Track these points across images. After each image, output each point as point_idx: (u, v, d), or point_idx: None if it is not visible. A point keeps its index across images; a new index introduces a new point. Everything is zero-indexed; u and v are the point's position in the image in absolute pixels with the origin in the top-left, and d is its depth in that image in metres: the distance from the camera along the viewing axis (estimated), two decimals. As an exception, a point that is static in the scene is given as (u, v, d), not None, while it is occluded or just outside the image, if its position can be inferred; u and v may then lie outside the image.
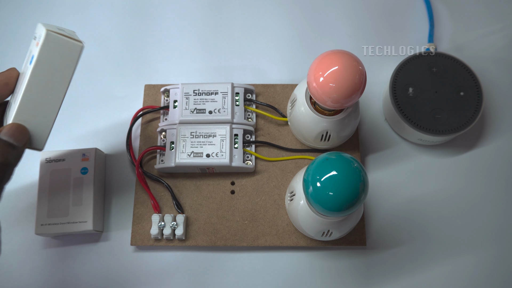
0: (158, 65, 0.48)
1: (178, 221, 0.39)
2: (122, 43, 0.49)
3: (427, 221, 0.42)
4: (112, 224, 0.42)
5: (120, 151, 0.44)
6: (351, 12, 0.50)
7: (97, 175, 0.41)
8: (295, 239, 0.40)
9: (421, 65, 0.44)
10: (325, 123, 0.38)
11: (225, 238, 0.40)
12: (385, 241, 0.41)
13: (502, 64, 0.47)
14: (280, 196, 0.41)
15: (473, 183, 0.43)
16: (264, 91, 0.45)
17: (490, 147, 0.44)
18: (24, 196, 0.42)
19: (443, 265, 0.40)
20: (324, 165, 0.31)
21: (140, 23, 0.49)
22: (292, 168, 0.42)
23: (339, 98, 0.34)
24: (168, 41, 0.49)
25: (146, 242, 0.40)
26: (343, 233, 0.37)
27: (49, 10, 0.50)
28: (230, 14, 0.50)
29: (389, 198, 0.42)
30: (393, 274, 0.40)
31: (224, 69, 0.47)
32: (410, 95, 0.43)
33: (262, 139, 0.43)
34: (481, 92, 0.43)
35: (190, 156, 0.40)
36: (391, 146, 0.44)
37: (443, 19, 0.49)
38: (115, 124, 0.45)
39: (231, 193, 0.42)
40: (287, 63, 0.48)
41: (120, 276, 0.40)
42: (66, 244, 0.41)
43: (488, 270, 0.40)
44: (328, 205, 0.31)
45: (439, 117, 0.42)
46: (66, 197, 0.40)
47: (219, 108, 0.42)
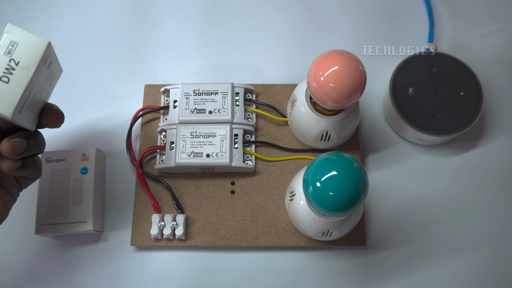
0: (158, 65, 0.48)
1: (178, 221, 0.39)
2: (122, 43, 0.49)
3: (427, 221, 0.42)
4: (112, 224, 0.42)
5: (120, 151, 0.44)
6: (351, 12, 0.50)
7: (97, 175, 0.41)
8: (295, 239, 0.40)
9: (421, 65, 0.44)
10: (325, 123, 0.38)
11: (225, 238, 0.40)
12: (385, 241, 0.41)
13: (502, 64, 0.47)
14: (280, 196, 0.41)
15: (473, 183, 0.43)
16: (264, 91, 0.45)
17: (490, 147, 0.44)
18: (24, 196, 0.42)
19: (443, 265, 0.40)
20: (324, 165, 0.31)
21: (140, 23, 0.49)
22: (292, 168, 0.42)
23: (339, 98, 0.34)
24: (168, 41, 0.49)
25: (146, 242, 0.40)
26: (343, 233, 0.37)
27: (49, 10, 0.50)
28: (230, 14, 0.50)
29: (389, 198, 0.42)
30: (393, 274, 0.40)
31: (224, 69, 0.47)
32: (410, 95, 0.43)
33: (262, 139, 0.43)
34: (481, 92, 0.43)
35: (190, 156, 0.40)
36: (391, 146, 0.44)
37: (443, 19, 0.49)
38: (115, 124, 0.45)
39: (231, 193, 0.42)
40: (287, 63, 0.48)
41: (120, 276, 0.40)
42: (66, 244, 0.41)
43: (488, 270, 0.40)
44: (328, 205, 0.31)
45: (439, 117, 0.42)
46: (66, 197, 0.40)
47: (219, 108, 0.42)
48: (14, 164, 0.31)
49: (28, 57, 0.29)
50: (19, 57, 0.29)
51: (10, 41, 0.28)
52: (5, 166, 0.31)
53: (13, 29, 0.29)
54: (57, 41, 0.36)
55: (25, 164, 0.32)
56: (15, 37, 0.29)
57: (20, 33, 0.29)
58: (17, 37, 0.29)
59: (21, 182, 0.34)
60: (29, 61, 0.29)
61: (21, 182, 0.34)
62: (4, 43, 0.28)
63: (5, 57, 0.28)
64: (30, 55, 0.29)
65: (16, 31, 0.29)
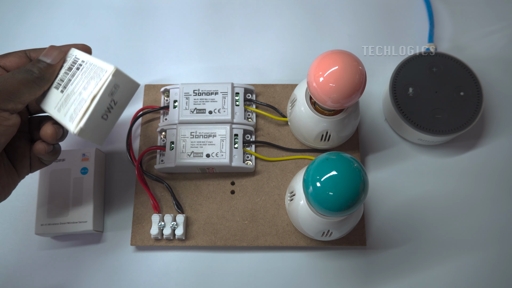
0: (158, 65, 0.48)
1: (178, 221, 0.39)
2: (122, 43, 0.49)
3: (427, 221, 0.42)
4: (112, 224, 0.42)
5: (120, 151, 0.44)
6: (351, 12, 0.50)
7: (97, 175, 0.41)
8: (295, 239, 0.40)
9: (421, 65, 0.44)
10: (325, 123, 0.38)
11: (225, 238, 0.40)
12: (385, 241, 0.41)
13: (502, 64, 0.47)
14: (280, 196, 0.41)
15: (473, 183, 0.43)
16: (264, 91, 0.45)
17: (490, 147, 0.44)
18: (24, 196, 0.42)
19: (443, 265, 0.40)
20: (324, 165, 0.31)
21: (140, 23, 0.49)
22: (292, 168, 0.42)
23: (339, 98, 0.34)
24: (168, 41, 0.49)
25: (146, 242, 0.40)
26: (343, 233, 0.37)
27: (49, 10, 0.50)
28: (230, 14, 0.50)
29: (389, 198, 0.42)
30: (393, 274, 0.40)
31: (224, 69, 0.47)
32: (410, 95, 0.43)
33: (262, 139, 0.43)
34: (481, 92, 0.43)
35: (190, 156, 0.40)
36: (391, 146, 0.44)
37: (443, 19, 0.49)
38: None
39: (231, 193, 0.42)
40: (287, 63, 0.48)
41: (120, 276, 0.40)
42: (66, 244, 0.41)
43: (489, 270, 0.40)
44: (328, 205, 0.31)
45: (439, 117, 0.42)
46: (66, 197, 0.40)
47: (219, 108, 0.42)
48: (48, 147, 0.34)
49: (125, 98, 0.33)
50: (118, 98, 0.32)
51: (114, 85, 0.31)
52: (42, 147, 0.33)
53: (118, 74, 0.31)
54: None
55: (54, 149, 0.34)
56: (118, 81, 0.31)
57: (123, 77, 0.32)
58: (119, 80, 0.32)
59: (34, 166, 0.35)
60: (124, 101, 0.33)
61: (34, 165, 0.35)
62: (109, 86, 0.31)
63: (109, 98, 0.31)
64: (126, 96, 0.33)
65: (120, 75, 0.32)
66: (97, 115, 0.31)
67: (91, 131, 0.31)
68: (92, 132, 0.32)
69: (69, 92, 0.32)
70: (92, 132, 0.32)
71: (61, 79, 0.33)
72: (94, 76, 0.32)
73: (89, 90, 0.31)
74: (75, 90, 0.32)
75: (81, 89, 0.32)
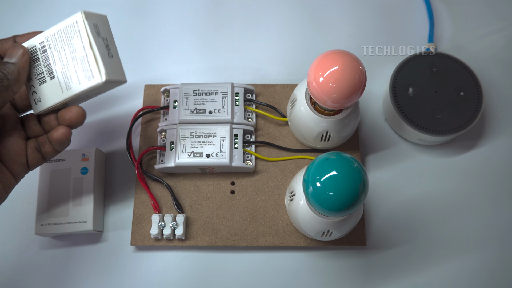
0: (158, 65, 0.48)
1: (178, 221, 0.39)
2: (121, 43, 0.48)
3: (427, 221, 0.42)
4: (112, 224, 0.42)
5: (120, 151, 0.44)
6: (351, 12, 0.50)
7: (97, 175, 0.41)
8: (295, 239, 0.40)
9: (421, 65, 0.44)
10: (325, 123, 0.38)
11: (225, 238, 0.40)
12: (385, 241, 0.41)
13: (502, 64, 0.47)
14: (280, 196, 0.41)
15: (473, 183, 0.43)
16: (264, 91, 0.45)
17: (490, 147, 0.44)
18: (24, 196, 0.42)
19: (443, 265, 0.40)
20: (324, 165, 0.31)
21: (140, 23, 0.49)
22: (292, 168, 0.42)
23: (339, 98, 0.34)
24: (168, 41, 0.49)
25: (146, 242, 0.40)
26: (343, 233, 0.37)
27: (49, 10, 0.50)
28: (230, 14, 0.50)
29: (389, 198, 0.42)
30: (393, 274, 0.40)
31: (224, 69, 0.47)
32: (410, 95, 0.43)
33: (262, 139, 0.43)
34: (481, 92, 0.43)
35: (190, 156, 0.40)
36: (391, 146, 0.44)
37: (443, 19, 0.49)
38: (115, 124, 0.45)
39: (231, 193, 0.42)
40: (287, 63, 0.48)
41: (120, 276, 0.40)
42: (66, 244, 0.41)
43: (489, 270, 0.40)
44: (328, 205, 0.31)
45: (439, 117, 0.42)
46: (66, 197, 0.40)
47: (219, 108, 0.42)
48: (69, 132, 0.34)
49: (108, 32, 0.34)
50: (104, 34, 0.33)
51: (93, 25, 0.32)
52: (65, 132, 0.33)
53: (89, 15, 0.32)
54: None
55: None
56: (93, 20, 0.32)
57: (93, 16, 0.32)
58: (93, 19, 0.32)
59: (32, 163, 0.34)
60: (109, 35, 0.34)
61: (32, 163, 0.34)
62: (91, 28, 0.32)
63: (99, 38, 0.32)
64: (107, 30, 0.34)
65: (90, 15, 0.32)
66: (104, 56, 0.32)
67: (112, 72, 0.32)
68: (113, 72, 0.32)
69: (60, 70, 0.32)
70: (114, 73, 0.33)
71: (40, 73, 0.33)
72: (71, 36, 0.32)
73: (79, 46, 0.32)
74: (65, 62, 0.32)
75: (70, 55, 0.32)
